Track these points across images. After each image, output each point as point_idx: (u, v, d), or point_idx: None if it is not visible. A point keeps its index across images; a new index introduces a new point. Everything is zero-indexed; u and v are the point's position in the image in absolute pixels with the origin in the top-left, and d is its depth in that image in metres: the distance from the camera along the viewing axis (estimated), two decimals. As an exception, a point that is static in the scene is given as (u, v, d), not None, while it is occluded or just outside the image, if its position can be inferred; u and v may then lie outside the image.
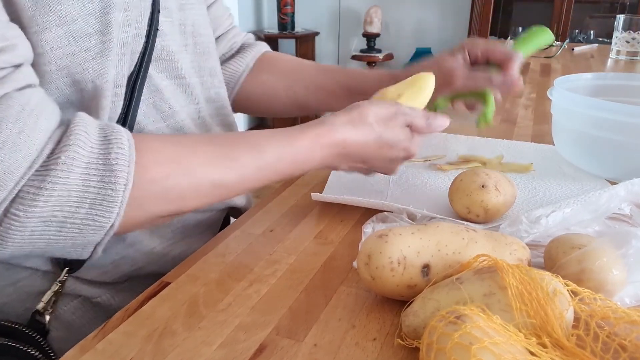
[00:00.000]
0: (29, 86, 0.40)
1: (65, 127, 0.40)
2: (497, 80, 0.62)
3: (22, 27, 0.41)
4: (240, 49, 0.77)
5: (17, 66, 0.40)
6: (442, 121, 0.56)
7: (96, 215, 0.39)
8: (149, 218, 0.44)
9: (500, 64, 0.64)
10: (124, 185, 0.40)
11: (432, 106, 0.64)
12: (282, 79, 0.76)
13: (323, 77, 0.74)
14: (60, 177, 0.37)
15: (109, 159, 0.39)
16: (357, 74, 0.73)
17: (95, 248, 0.43)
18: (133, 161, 0.41)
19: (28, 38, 0.42)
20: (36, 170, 0.37)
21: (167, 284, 0.45)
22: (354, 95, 0.71)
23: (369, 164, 0.55)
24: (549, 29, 0.69)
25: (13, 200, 0.37)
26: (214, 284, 0.45)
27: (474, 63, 0.66)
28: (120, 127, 0.42)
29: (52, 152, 0.38)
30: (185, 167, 0.44)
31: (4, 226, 0.37)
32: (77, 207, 0.38)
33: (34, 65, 0.43)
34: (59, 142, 0.39)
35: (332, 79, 0.73)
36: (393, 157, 0.54)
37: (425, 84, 0.59)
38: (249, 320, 0.40)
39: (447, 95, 0.66)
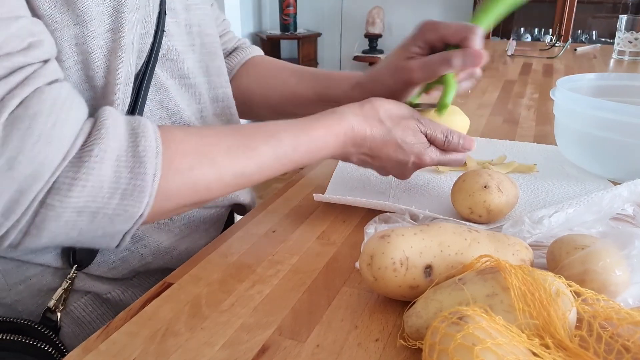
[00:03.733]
0: (57, 80, 0.41)
1: (94, 120, 0.41)
2: (456, 58, 0.55)
3: None
4: (230, 54, 0.77)
5: (45, 61, 0.40)
6: (465, 142, 0.56)
7: (127, 205, 0.40)
8: (176, 207, 0.45)
9: (459, 43, 0.56)
10: (153, 175, 0.41)
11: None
12: (259, 85, 0.76)
13: (297, 84, 0.73)
14: (93, 169, 0.38)
15: (138, 151, 0.40)
16: (329, 81, 0.71)
17: (123, 237, 0.44)
18: (160, 152, 0.42)
19: None
20: (70, 162, 0.38)
21: (170, 284, 0.45)
22: (324, 102, 0.70)
23: (379, 162, 0.55)
24: None
25: (49, 191, 0.38)
26: (217, 284, 0.45)
27: (433, 49, 0.59)
28: (145, 120, 0.43)
29: (84, 144, 0.39)
30: (209, 158, 0.45)
31: (40, 216, 0.38)
32: (109, 197, 0.39)
33: None
34: (89, 134, 0.40)
35: (306, 86, 0.73)
36: (402, 160, 0.54)
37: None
38: (251, 321, 0.40)
39: (417, 92, 0.63)
